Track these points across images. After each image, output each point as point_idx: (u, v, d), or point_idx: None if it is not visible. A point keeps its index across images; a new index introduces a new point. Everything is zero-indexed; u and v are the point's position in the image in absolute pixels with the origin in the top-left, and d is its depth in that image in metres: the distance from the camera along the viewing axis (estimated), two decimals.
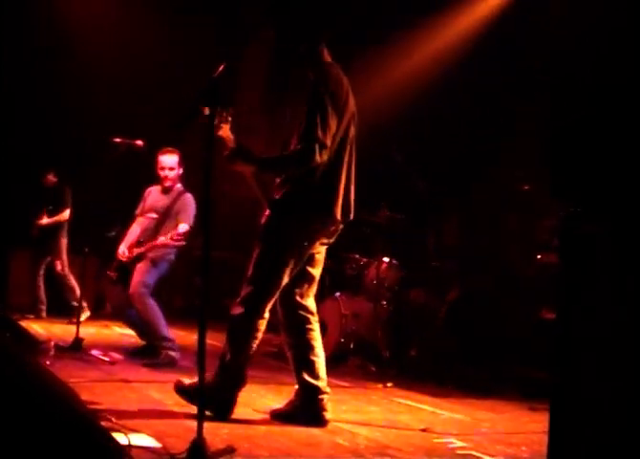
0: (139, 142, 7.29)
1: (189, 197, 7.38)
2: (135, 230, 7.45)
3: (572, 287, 3.13)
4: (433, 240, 7.93)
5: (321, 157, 4.56)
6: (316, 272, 5.00)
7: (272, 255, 4.74)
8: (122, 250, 7.31)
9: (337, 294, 8.22)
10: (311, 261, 4.95)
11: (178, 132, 7.18)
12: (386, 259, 8.25)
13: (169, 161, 7.39)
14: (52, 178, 10.53)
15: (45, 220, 10.41)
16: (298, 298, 4.98)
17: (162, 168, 7.39)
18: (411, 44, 9.84)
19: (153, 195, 7.51)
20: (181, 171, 7.45)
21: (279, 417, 4.84)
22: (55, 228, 10.43)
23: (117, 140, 7.25)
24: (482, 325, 7.40)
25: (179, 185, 7.48)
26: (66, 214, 10.42)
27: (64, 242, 10.48)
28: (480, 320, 7.45)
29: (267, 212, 4.86)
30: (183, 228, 6.95)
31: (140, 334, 7.37)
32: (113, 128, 7.81)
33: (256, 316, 4.86)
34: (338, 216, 4.79)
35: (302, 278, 4.94)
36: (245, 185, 4.92)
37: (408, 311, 8.17)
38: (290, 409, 4.89)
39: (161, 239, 7.07)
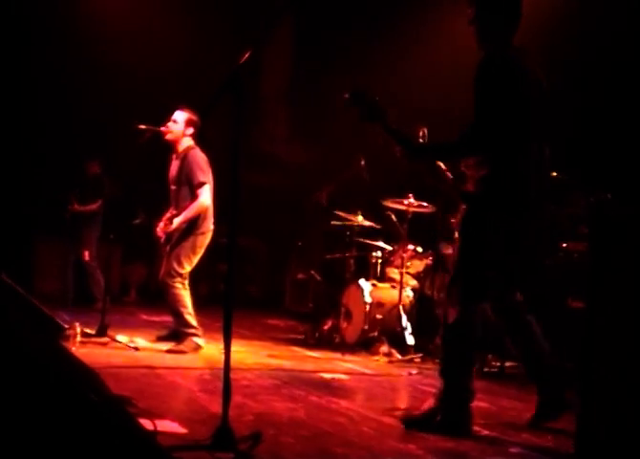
0: (164, 129, 7.26)
1: (193, 154, 7.14)
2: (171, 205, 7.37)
3: (601, 272, 3.09)
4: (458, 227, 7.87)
5: (484, 143, 4.38)
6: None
7: (477, 252, 4.47)
8: (158, 228, 7.23)
9: (362, 281, 8.21)
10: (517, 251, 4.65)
11: (202, 122, 7.17)
12: (411, 247, 8.23)
13: (175, 114, 7.23)
14: (94, 167, 10.55)
15: (77, 206, 10.43)
16: (513, 295, 4.70)
17: (168, 120, 7.25)
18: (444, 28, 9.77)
19: (172, 164, 7.34)
20: (189, 131, 7.20)
21: (413, 425, 4.45)
22: (88, 217, 10.45)
23: (142, 126, 7.23)
24: None
25: (186, 146, 7.22)
26: (98, 205, 10.43)
27: (95, 233, 10.49)
28: None
29: (465, 207, 4.56)
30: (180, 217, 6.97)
31: None
32: (138, 112, 7.79)
33: (471, 317, 4.48)
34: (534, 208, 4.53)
35: (512, 273, 4.69)
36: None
37: (433, 298, 8.14)
38: (427, 417, 4.49)
39: (174, 224, 7.01)
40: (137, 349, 6.80)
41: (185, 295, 7.04)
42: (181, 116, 7.21)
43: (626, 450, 3.11)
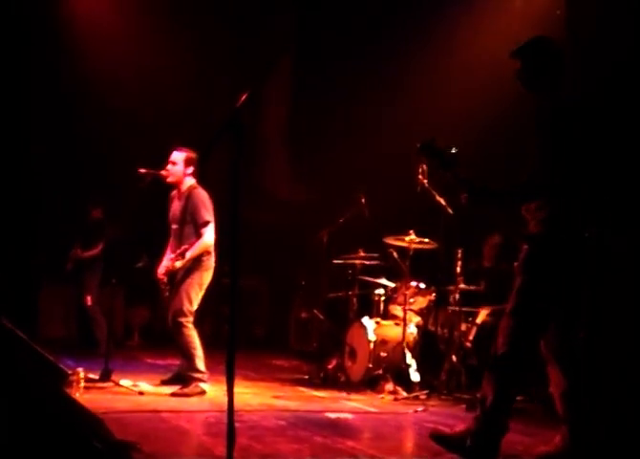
0: (165, 172, 7.28)
1: (196, 193, 7.16)
2: (170, 245, 7.38)
3: (597, 301, 3.10)
4: (461, 263, 7.87)
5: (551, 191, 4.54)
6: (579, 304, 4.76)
7: (541, 287, 4.55)
8: (160, 269, 7.24)
9: (365, 319, 8.19)
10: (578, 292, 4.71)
11: (202, 163, 7.21)
12: (413, 283, 8.23)
13: (173, 156, 7.25)
14: (98, 214, 10.58)
15: (80, 252, 10.46)
16: (570, 335, 4.68)
17: (167, 163, 7.27)
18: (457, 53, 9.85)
19: (173, 204, 7.38)
20: (189, 170, 7.22)
21: (441, 442, 4.60)
22: (90, 262, 10.47)
23: (143, 170, 7.27)
24: None
25: (188, 185, 7.26)
26: (100, 248, 10.46)
27: (97, 277, 10.50)
28: None
29: (526, 247, 4.64)
30: (190, 251, 6.98)
31: None
32: (141, 156, 7.83)
33: (524, 354, 4.54)
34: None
35: (571, 312, 4.70)
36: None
37: (437, 334, 8.12)
38: (458, 438, 4.56)
39: (177, 264, 7.03)
40: (141, 393, 6.77)
41: (195, 335, 7.02)
42: (179, 156, 7.25)
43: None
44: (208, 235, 7.03)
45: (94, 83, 11.55)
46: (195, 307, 7.06)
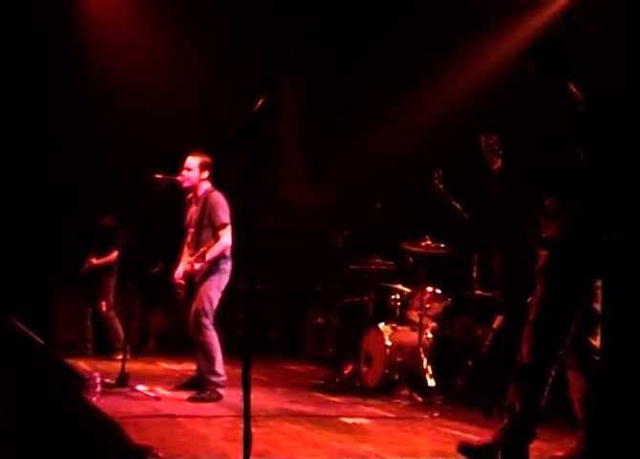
0: (181, 178, 7.31)
1: (213, 196, 7.21)
2: (187, 249, 7.40)
3: (614, 308, 3.09)
4: (477, 268, 7.85)
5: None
6: (599, 307, 4.68)
7: (561, 294, 4.52)
8: (177, 273, 7.27)
9: (381, 324, 8.19)
10: (595, 297, 4.67)
11: (217, 169, 7.23)
12: (429, 289, 8.22)
13: (188, 161, 7.29)
14: (109, 220, 10.63)
15: (95, 260, 10.51)
16: (591, 340, 4.63)
17: (182, 169, 7.31)
18: (457, 65, 9.86)
19: (190, 208, 7.42)
20: (204, 175, 7.26)
21: (469, 453, 4.57)
22: (105, 268, 10.52)
23: (159, 176, 7.30)
24: None
25: (204, 189, 7.29)
26: (114, 255, 10.51)
27: (112, 283, 10.55)
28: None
29: (545, 253, 4.58)
30: (210, 253, 6.99)
31: None
32: (155, 161, 7.85)
33: (549, 361, 4.53)
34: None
35: (590, 317, 4.65)
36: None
37: (453, 340, 8.11)
38: (487, 450, 4.55)
39: (196, 266, 7.05)
40: (157, 398, 6.79)
41: (216, 337, 7.03)
42: (193, 162, 7.27)
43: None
44: (226, 237, 7.06)
45: (104, 84, 11.57)
46: (214, 308, 7.08)
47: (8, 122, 10.96)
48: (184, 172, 7.26)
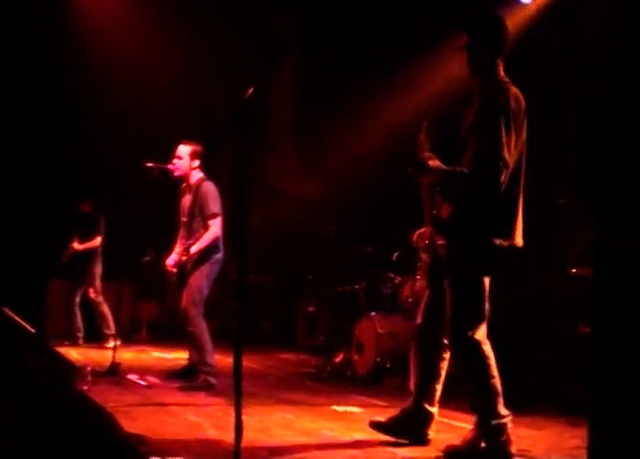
0: (172, 167, 7.29)
1: (205, 186, 7.18)
2: (180, 238, 7.40)
3: (607, 300, 3.10)
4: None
5: (504, 178, 4.39)
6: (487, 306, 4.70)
7: (469, 285, 4.56)
8: (169, 261, 7.26)
9: (373, 313, 8.19)
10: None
11: (209, 157, 7.22)
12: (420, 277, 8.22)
13: (179, 149, 7.27)
14: (87, 207, 10.63)
15: (76, 245, 10.50)
16: (477, 337, 4.58)
17: (173, 157, 7.30)
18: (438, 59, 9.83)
19: (183, 197, 7.41)
20: (195, 164, 7.23)
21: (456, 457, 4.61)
22: (89, 255, 10.51)
23: (150, 164, 7.29)
24: (520, 341, 7.35)
25: (197, 178, 7.27)
26: (97, 241, 10.49)
27: (98, 270, 10.55)
28: (517, 336, 7.39)
29: (444, 240, 4.63)
30: (197, 245, 7.00)
31: None
32: (146, 153, 7.82)
33: (476, 344, 4.53)
34: (520, 244, 4.57)
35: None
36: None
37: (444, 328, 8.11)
38: (468, 448, 4.63)
39: (183, 258, 7.05)
40: (149, 387, 6.79)
41: (206, 327, 7.04)
42: (184, 150, 7.26)
43: None
44: (215, 227, 7.05)
45: (100, 83, 11.56)
46: (204, 298, 7.08)
47: (7, 122, 10.92)
48: (175, 160, 7.25)
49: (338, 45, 11.82)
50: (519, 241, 4.55)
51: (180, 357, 8.49)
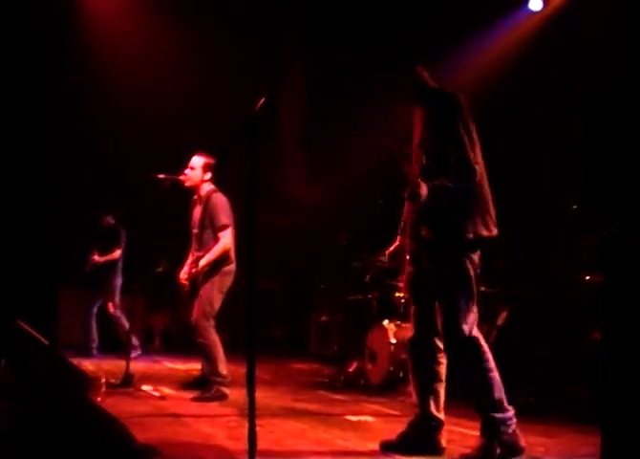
0: (183, 177, 7.31)
1: (215, 198, 7.20)
2: (192, 248, 7.40)
3: (616, 304, 3.10)
4: (481, 265, 7.84)
5: (478, 177, 4.60)
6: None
7: (458, 283, 4.75)
8: (182, 274, 7.27)
9: (385, 321, 8.18)
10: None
11: (219, 166, 7.24)
12: None
13: (192, 161, 7.28)
14: (109, 220, 10.66)
15: (97, 257, 10.53)
16: (474, 333, 4.78)
17: (186, 167, 7.31)
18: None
19: (194, 209, 7.41)
20: (207, 176, 7.24)
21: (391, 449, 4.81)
22: (108, 268, 10.53)
23: (162, 176, 7.31)
24: (533, 348, 7.34)
25: (207, 190, 7.27)
26: (117, 254, 10.52)
27: (117, 283, 10.57)
28: (530, 343, 7.38)
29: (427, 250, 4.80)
30: (205, 258, 7.02)
31: None
32: (157, 165, 7.85)
33: (474, 340, 4.70)
34: (495, 233, 4.78)
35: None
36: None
37: None
38: (403, 440, 4.87)
39: (199, 266, 7.07)
40: (162, 398, 6.80)
41: (217, 339, 7.04)
42: (198, 162, 7.27)
43: None
44: (226, 239, 7.05)
45: (100, 83, 11.60)
46: (216, 310, 7.09)
47: (7, 122, 10.97)
48: (187, 171, 7.26)
49: (348, 51, 11.84)
50: (494, 230, 4.74)
51: (193, 368, 8.50)
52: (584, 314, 6.95)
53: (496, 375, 4.65)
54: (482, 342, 4.68)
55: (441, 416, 4.92)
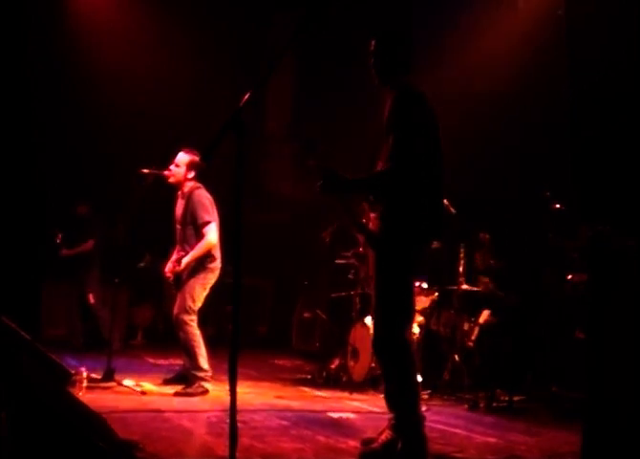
0: (167, 173, 7.29)
1: (196, 195, 7.19)
2: (176, 243, 7.41)
3: (601, 304, 3.11)
4: (463, 263, 7.87)
5: (406, 178, 4.58)
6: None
7: (397, 283, 4.70)
8: (167, 268, 7.25)
9: (368, 319, 8.19)
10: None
11: (205, 163, 7.22)
12: (416, 283, 8.22)
13: (178, 157, 7.28)
14: (83, 209, 10.59)
15: (65, 251, 10.46)
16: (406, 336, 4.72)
17: (171, 163, 7.31)
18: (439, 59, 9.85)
19: (177, 204, 7.41)
20: (190, 175, 7.23)
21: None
22: (85, 259, 10.48)
23: (145, 170, 7.29)
24: (515, 347, 7.37)
25: (189, 186, 7.26)
26: (89, 245, 10.46)
27: (95, 274, 10.52)
28: (512, 342, 7.41)
29: (377, 248, 4.77)
30: (187, 257, 7.01)
31: None
32: (142, 159, 7.83)
33: (406, 342, 4.65)
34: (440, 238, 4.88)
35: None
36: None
37: (439, 334, 8.12)
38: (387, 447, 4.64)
39: (182, 264, 7.06)
40: (143, 393, 6.79)
41: (199, 334, 7.04)
42: (183, 159, 7.25)
43: None
44: (210, 236, 7.04)
45: (94, 79, 11.56)
46: (198, 306, 7.08)
47: (6, 122, 10.92)
48: (172, 167, 7.25)
49: (334, 49, 11.84)
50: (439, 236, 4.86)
51: (175, 363, 8.48)
52: (568, 313, 6.98)
53: (416, 380, 4.68)
54: (411, 347, 4.70)
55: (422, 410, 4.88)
